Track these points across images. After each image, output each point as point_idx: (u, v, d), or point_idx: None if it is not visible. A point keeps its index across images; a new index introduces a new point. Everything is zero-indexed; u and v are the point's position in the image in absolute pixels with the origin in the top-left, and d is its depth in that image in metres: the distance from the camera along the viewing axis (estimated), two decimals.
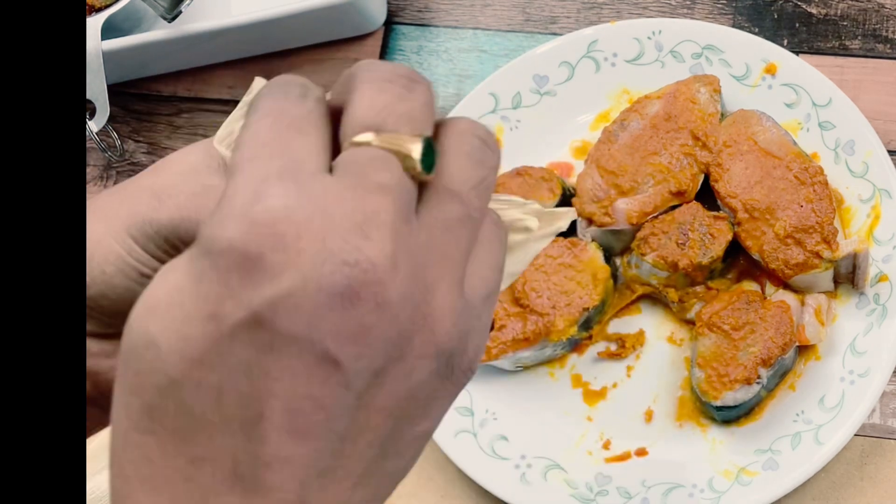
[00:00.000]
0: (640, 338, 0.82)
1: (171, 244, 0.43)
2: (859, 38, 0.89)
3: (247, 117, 0.36)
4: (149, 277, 0.43)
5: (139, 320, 0.34)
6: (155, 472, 0.35)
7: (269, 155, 0.34)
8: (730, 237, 0.80)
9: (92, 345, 0.45)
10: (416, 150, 0.35)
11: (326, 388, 0.34)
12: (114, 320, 0.44)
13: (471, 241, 0.37)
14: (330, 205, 0.33)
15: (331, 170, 0.35)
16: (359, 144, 0.35)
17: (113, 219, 0.43)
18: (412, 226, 0.35)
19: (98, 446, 0.79)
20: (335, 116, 0.37)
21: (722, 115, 0.83)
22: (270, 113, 0.35)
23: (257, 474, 0.34)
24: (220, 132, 0.44)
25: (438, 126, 0.37)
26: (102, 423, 0.46)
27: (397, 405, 0.35)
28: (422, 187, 0.36)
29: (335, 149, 0.36)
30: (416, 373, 0.35)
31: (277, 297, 0.33)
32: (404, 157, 0.35)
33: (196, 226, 0.42)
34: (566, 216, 0.42)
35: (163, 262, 0.43)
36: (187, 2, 0.86)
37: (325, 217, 0.33)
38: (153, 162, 0.92)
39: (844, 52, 0.89)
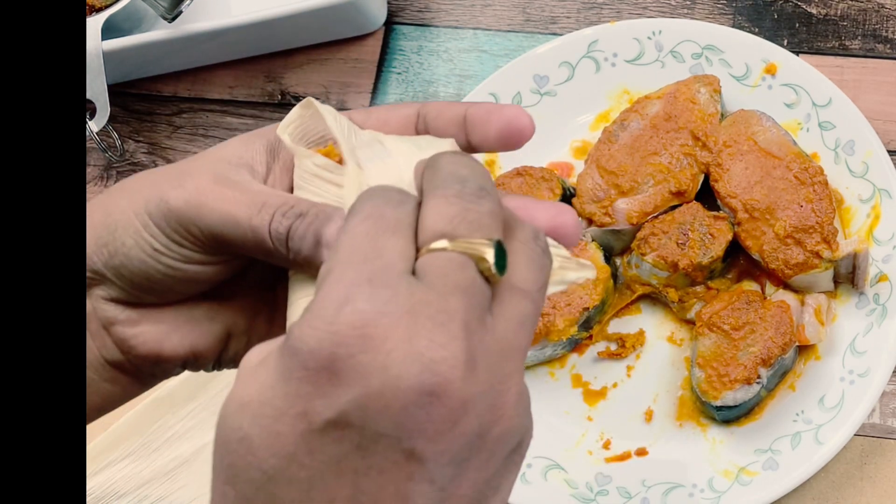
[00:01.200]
0: (640, 338, 0.82)
1: (183, 227, 0.44)
2: (859, 38, 0.89)
3: (347, 220, 0.38)
4: (162, 255, 0.44)
5: (232, 416, 0.36)
6: None
7: (362, 259, 0.36)
8: (730, 237, 0.80)
9: (118, 312, 0.46)
10: (489, 253, 0.37)
11: (412, 484, 0.36)
12: (135, 290, 0.45)
13: (531, 334, 0.39)
14: (414, 307, 0.36)
15: (413, 273, 0.37)
16: (435, 250, 0.37)
17: (136, 194, 0.44)
18: (487, 323, 0.37)
19: (98, 446, 0.79)
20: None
21: (722, 115, 0.83)
22: (370, 217, 0.38)
23: None
24: (288, 118, 0.45)
25: (506, 230, 0.40)
26: (131, 392, 0.47)
27: (477, 490, 0.38)
28: (494, 286, 0.38)
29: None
30: (494, 460, 0.38)
31: (366, 397, 0.35)
32: (479, 260, 0.37)
33: (205, 214, 0.43)
34: (585, 270, 0.44)
35: (174, 242, 0.44)
36: (187, 2, 0.86)
37: (409, 319, 0.35)
38: (154, 162, 0.92)
39: (844, 52, 0.89)
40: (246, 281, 0.48)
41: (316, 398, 0.35)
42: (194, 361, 0.47)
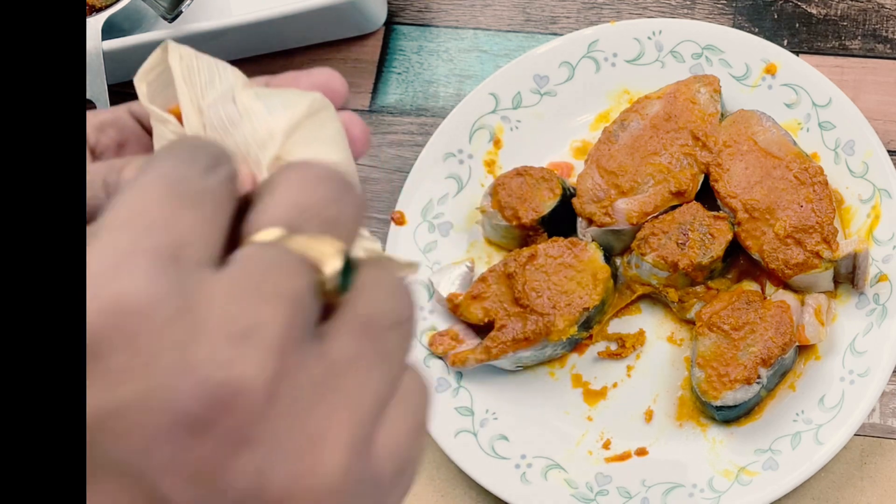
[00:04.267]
0: (640, 338, 0.82)
1: None
2: (859, 38, 0.89)
3: (137, 174, 0.30)
4: None
5: None
6: None
7: (145, 226, 0.28)
8: (730, 237, 0.80)
9: None
10: (334, 262, 0.29)
11: None
12: None
13: (383, 393, 0.29)
14: (205, 305, 0.27)
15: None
16: (265, 243, 0.29)
17: None
18: (306, 352, 0.28)
19: None
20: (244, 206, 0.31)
21: (722, 115, 0.83)
22: (165, 177, 0.29)
23: None
24: (147, 63, 0.40)
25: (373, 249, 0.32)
26: None
27: None
28: (328, 311, 0.29)
29: (231, 244, 0.30)
30: None
31: (107, 412, 0.26)
32: (317, 269, 0.29)
33: None
34: (406, 269, 0.34)
35: None
36: (187, 2, 0.86)
37: (194, 319, 0.26)
38: None
39: (844, 52, 0.89)
40: None
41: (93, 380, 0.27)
42: None
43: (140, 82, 0.40)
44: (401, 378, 0.29)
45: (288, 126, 0.38)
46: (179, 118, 0.40)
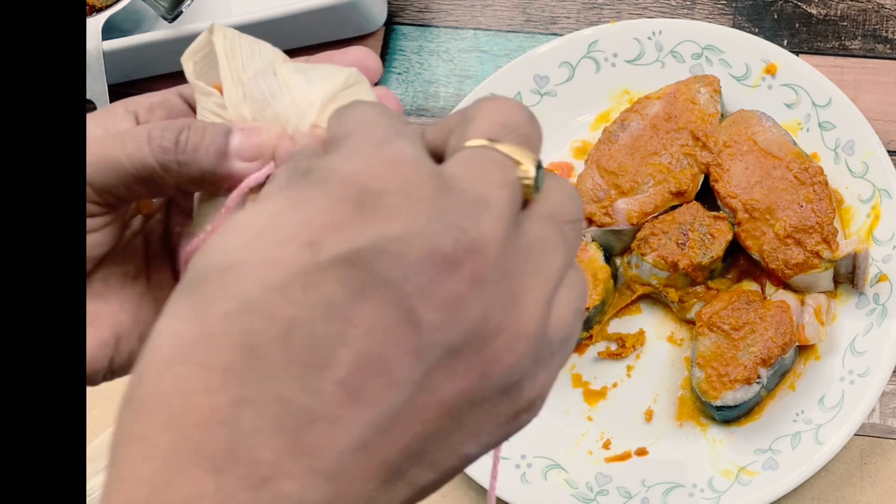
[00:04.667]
0: (640, 338, 0.82)
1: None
2: (859, 38, 0.89)
3: (342, 112, 0.36)
4: None
5: (221, 242, 0.32)
6: (186, 411, 0.31)
7: (386, 126, 0.34)
8: (730, 237, 0.80)
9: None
10: (531, 164, 0.35)
11: (398, 350, 0.31)
12: None
13: (561, 271, 0.35)
14: (454, 176, 0.33)
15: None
16: (476, 147, 0.35)
17: None
18: (516, 230, 0.34)
19: (98, 446, 0.79)
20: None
21: (722, 115, 0.83)
22: (374, 109, 0.36)
23: (300, 431, 0.31)
24: (194, 45, 0.43)
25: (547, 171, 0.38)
26: None
27: (456, 406, 0.33)
28: (523, 206, 0.35)
29: None
30: (486, 378, 0.33)
31: (385, 239, 0.31)
32: (521, 168, 0.35)
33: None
34: None
35: None
36: (188, 2, 0.86)
37: (449, 182, 0.33)
38: None
39: (844, 52, 0.89)
40: (117, 272, 0.45)
41: (331, 229, 0.31)
42: None
43: (187, 61, 0.43)
44: (571, 265, 0.36)
45: (326, 96, 0.42)
46: (222, 93, 0.42)
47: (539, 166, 0.35)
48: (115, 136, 0.42)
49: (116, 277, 0.45)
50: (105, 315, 0.44)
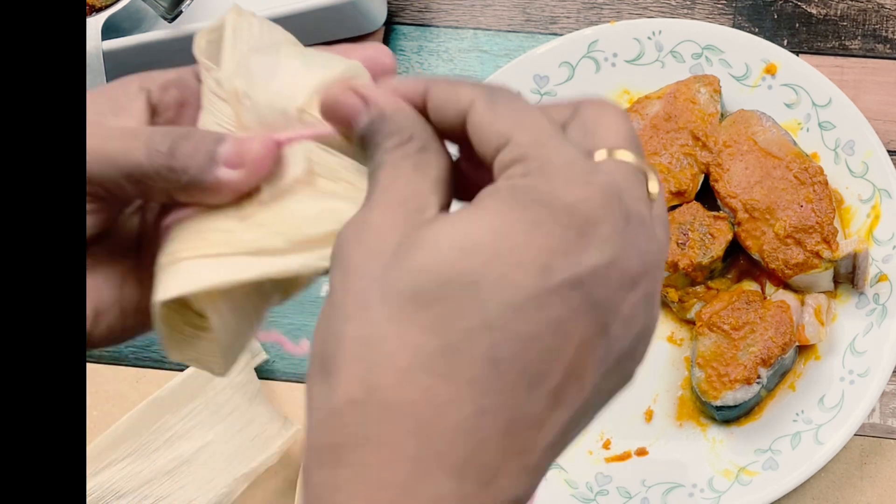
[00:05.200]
0: None
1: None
2: (859, 38, 0.89)
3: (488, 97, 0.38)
4: None
5: (456, 258, 0.35)
6: (435, 420, 0.34)
7: (552, 139, 0.37)
8: (730, 237, 0.80)
9: None
10: (655, 179, 0.38)
11: (591, 359, 0.36)
12: None
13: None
14: (622, 193, 0.37)
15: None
16: (622, 161, 0.38)
17: None
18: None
19: (98, 446, 0.79)
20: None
21: (722, 115, 0.83)
22: (540, 116, 0.38)
23: (518, 435, 0.35)
24: (213, 24, 0.43)
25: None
26: None
27: (607, 402, 0.39)
28: None
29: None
30: (637, 356, 0.39)
31: (600, 266, 0.35)
32: (650, 184, 0.38)
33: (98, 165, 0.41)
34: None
35: None
36: (187, 2, 0.86)
37: (625, 210, 0.36)
38: None
39: (844, 52, 0.89)
40: (107, 248, 0.45)
41: (561, 255, 0.34)
42: None
43: (201, 38, 0.43)
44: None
45: (320, 83, 0.41)
46: None
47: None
48: (120, 131, 0.42)
49: (105, 253, 0.45)
50: (87, 289, 0.44)
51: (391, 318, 0.35)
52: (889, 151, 0.82)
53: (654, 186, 0.38)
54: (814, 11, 0.90)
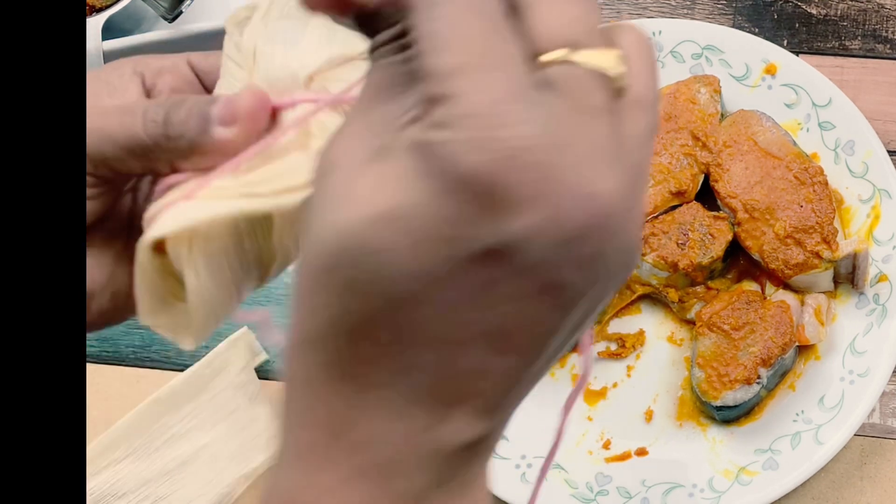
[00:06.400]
0: (640, 338, 0.82)
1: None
2: (859, 38, 0.89)
3: (434, 4, 0.33)
4: None
5: (361, 228, 0.33)
6: (353, 384, 0.34)
7: (487, 65, 0.32)
8: (730, 237, 0.80)
9: None
10: (619, 68, 0.34)
11: (544, 312, 0.34)
12: None
13: (650, 145, 0.36)
14: (563, 133, 0.32)
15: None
16: (563, 62, 0.34)
17: None
18: (623, 148, 0.34)
19: (98, 446, 0.79)
20: None
21: (722, 115, 0.83)
22: (468, 8, 0.33)
23: (455, 387, 0.35)
24: (239, 14, 0.44)
25: (608, 34, 0.36)
26: None
27: (573, 328, 0.36)
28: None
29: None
30: (608, 287, 0.35)
31: (521, 233, 0.32)
32: (609, 78, 0.34)
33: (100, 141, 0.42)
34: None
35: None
36: (188, 2, 0.86)
37: (562, 148, 0.32)
38: None
39: (844, 52, 0.89)
40: (101, 231, 0.45)
41: (467, 225, 0.32)
42: None
43: (240, 12, 0.43)
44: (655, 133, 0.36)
45: (336, 57, 0.41)
46: None
47: (622, 60, 0.35)
48: (115, 108, 0.42)
49: (100, 237, 0.45)
50: None
51: (308, 280, 0.34)
52: (889, 151, 0.82)
53: (618, 80, 0.34)
54: (814, 11, 0.90)
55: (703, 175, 0.82)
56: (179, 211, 0.40)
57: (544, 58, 0.34)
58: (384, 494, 0.35)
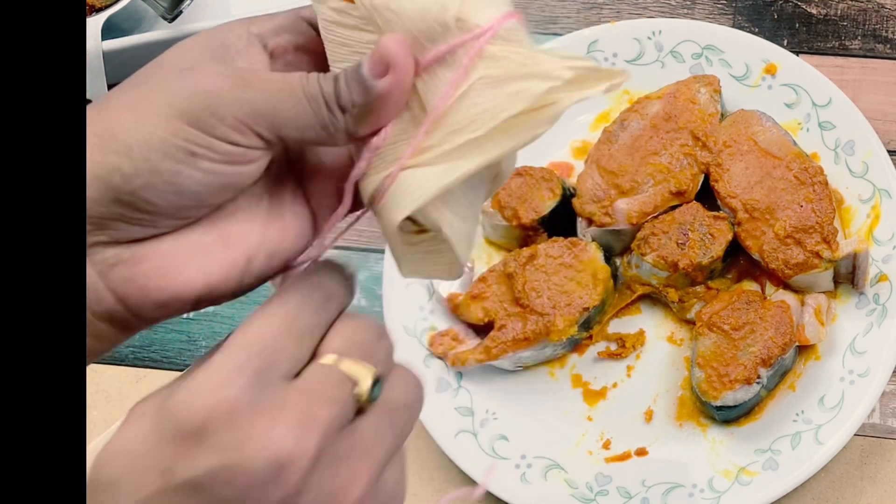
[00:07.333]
0: (640, 338, 0.82)
1: (230, 115, 0.42)
2: (859, 38, 0.90)
3: (268, 304, 0.43)
4: (200, 158, 0.42)
5: (108, 460, 0.42)
6: None
7: (258, 351, 0.41)
8: (730, 237, 0.80)
9: (121, 252, 0.43)
10: (366, 382, 0.42)
11: None
12: (152, 215, 0.43)
13: (392, 451, 0.43)
14: (282, 405, 0.41)
15: (299, 372, 0.42)
16: (324, 364, 0.42)
17: (144, 107, 0.43)
18: (345, 432, 0.42)
19: (98, 446, 0.79)
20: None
21: (722, 115, 0.83)
22: (287, 316, 0.42)
23: None
24: None
25: (395, 367, 0.45)
26: (113, 344, 0.46)
27: None
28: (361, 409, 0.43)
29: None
30: None
31: (219, 468, 0.40)
32: (355, 385, 0.42)
33: (254, 96, 0.43)
34: (613, 77, 0.44)
35: (216, 138, 0.42)
36: (187, 2, 0.86)
37: (274, 414, 0.40)
38: None
39: (844, 52, 0.89)
40: (249, 193, 0.46)
41: (179, 459, 0.40)
42: (208, 296, 0.44)
43: None
44: (398, 447, 0.44)
45: None
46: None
47: (377, 381, 0.43)
48: (279, 89, 0.43)
49: (246, 198, 0.46)
50: (236, 236, 0.45)
51: None
52: (889, 151, 0.82)
53: (358, 389, 0.42)
54: (814, 11, 0.90)
55: (703, 175, 0.82)
56: (411, 183, 0.42)
57: (319, 360, 0.42)
58: None
